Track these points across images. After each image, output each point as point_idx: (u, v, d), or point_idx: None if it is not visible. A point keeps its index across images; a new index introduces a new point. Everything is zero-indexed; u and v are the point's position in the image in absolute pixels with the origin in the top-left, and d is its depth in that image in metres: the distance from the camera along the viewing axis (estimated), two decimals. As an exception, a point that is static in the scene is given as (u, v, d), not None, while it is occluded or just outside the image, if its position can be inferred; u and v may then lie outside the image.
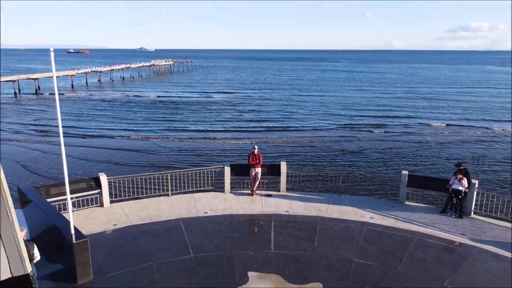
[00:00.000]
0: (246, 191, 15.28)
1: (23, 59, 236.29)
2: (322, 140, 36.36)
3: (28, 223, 11.32)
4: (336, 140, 36.37)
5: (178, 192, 14.61)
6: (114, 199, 13.83)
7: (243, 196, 14.87)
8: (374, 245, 11.07)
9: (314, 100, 64.03)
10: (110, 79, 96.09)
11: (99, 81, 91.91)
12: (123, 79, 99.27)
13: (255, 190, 15.00)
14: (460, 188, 12.92)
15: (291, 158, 29.06)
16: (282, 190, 15.35)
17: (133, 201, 14.01)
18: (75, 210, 12.85)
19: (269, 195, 14.92)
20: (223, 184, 15.09)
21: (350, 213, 13.35)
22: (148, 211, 13.20)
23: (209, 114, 49.95)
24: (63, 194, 12.56)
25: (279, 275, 9.47)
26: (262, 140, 35.80)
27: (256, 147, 15.01)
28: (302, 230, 11.98)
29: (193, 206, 13.70)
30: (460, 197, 13.00)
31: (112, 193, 13.82)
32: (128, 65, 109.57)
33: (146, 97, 66.38)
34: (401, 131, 40.59)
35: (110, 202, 13.65)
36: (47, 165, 27.99)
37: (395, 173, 16.07)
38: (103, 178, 13.39)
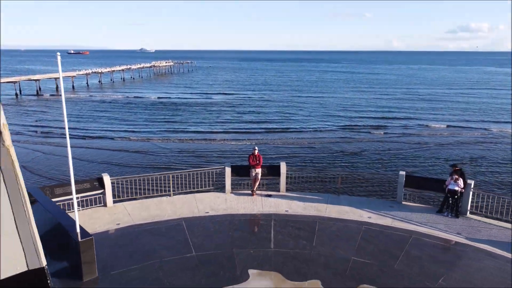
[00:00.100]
0: (246, 191, 15.55)
1: (24, 60, 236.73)
2: (321, 141, 36.61)
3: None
4: (335, 141, 36.62)
5: (179, 192, 14.89)
6: (117, 199, 14.10)
7: (244, 196, 15.13)
8: (371, 244, 11.33)
9: (313, 101, 64.31)
10: (111, 80, 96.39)
11: (100, 82, 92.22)
12: (124, 80, 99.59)
13: (255, 190, 15.27)
14: (456, 188, 13.19)
15: (291, 159, 29.31)
16: (282, 191, 15.62)
17: (135, 201, 14.28)
18: (80, 210, 13.11)
19: (269, 195, 15.18)
20: (224, 184, 15.35)
21: (348, 213, 13.61)
22: (150, 211, 13.47)
23: (209, 115, 50.20)
24: (68, 194, 12.84)
25: (279, 273, 9.73)
26: (262, 141, 36.05)
27: (256, 148, 15.28)
28: (301, 230, 12.24)
29: (194, 206, 13.96)
30: (456, 197, 13.27)
31: (115, 193, 14.10)
32: (128, 66, 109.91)
33: (146, 98, 66.65)
34: (400, 132, 40.84)
35: (113, 202, 13.91)
36: (48, 166, 28.25)
37: (393, 173, 16.32)
38: (107, 179, 13.66)
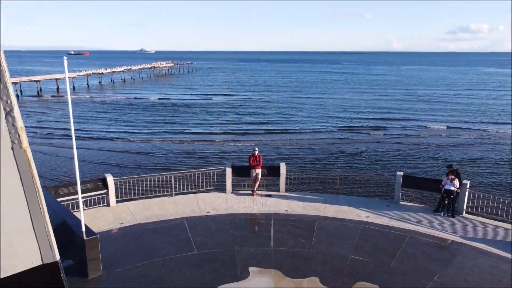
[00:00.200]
0: (246, 191, 15.85)
1: (24, 61, 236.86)
2: (321, 142, 36.87)
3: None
4: (334, 142, 36.87)
5: (181, 192, 15.18)
6: (120, 199, 14.39)
7: (244, 196, 15.43)
8: (369, 242, 11.63)
9: (313, 102, 64.57)
10: (111, 81, 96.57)
11: (100, 83, 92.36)
12: (124, 81, 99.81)
13: (256, 190, 15.56)
14: (452, 188, 13.49)
15: (290, 160, 29.59)
16: (282, 191, 15.92)
17: (138, 201, 14.58)
18: (85, 209, 13.39)
19: (269, 195, 15.48)
20: (225, 184, 15.65)
21: (346, 212, 13.90)
22: (153, 211, 13.76)
23: (209, 117, 50.45)
24: (72, 194, 13.16)
25: (278, 270, 10.03)
26: (262, 142, 36.28)
27: (256, 149, 15.58)
28: (301, 228, 12.53)
29: (196, 206, 14.26)
30: (452, 197, 13.57)
31: (118, 193, 14.39)
32: (129, 67, 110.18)
33: (146, 99, 66.92)
34: (399, 133, 41.08)
35: (116, 202, 14.22)
36: (49, 166, 28.48)
37: (391, 174, 16.61)
38: (110, 179, 13.96)
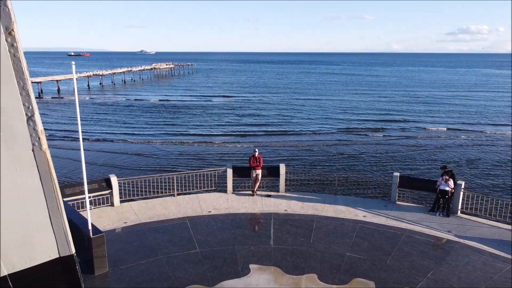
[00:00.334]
0: (247, 192, 16.22)
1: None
2: (320, 144, 37.22)
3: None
4: (334, 144, 37.21)
5: (183, 192, 15.55)
6: (123, 199, 14.75)
7: (245, 196, 15.80)
8: (365, 241, 11.99)
9: (312, 104, 64.97)
10: (112, 83, 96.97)
11: (101, 84, 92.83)
12: (125, 83, 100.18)
13: (256, 190, 15.92)
14: (446, 188, 13.85)
15: (290, 161, 29.95)
16: (281, 191, 16.29)
17: (141, 201, 14.94)
18: (92, 208, 13.74)
19: (269, 195, 15.84)
20: (226, 185, 16.03)
21: (344, 212, 14.27)
22: (156, 210, 14.12)
23: (209, 118, 50.81)
24: (77, 194, 13.52)
25: (278, 267, 10.39)
26: (261, 144, 36.62)
27: (257, 150, 15.95)
28: (299, 228, 12.89)
29: (197, 206, 14.62)
30: (447, 197, 13.94)
31: (121, 193, 14.75)
32: (129, 68, 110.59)
33: (147, 100, 67.27)
34: (398, 135, 41.45)
35: (120, 202, 14.58)
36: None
37: (388, 175, 16.98)
38: (114, 179, 14.32)
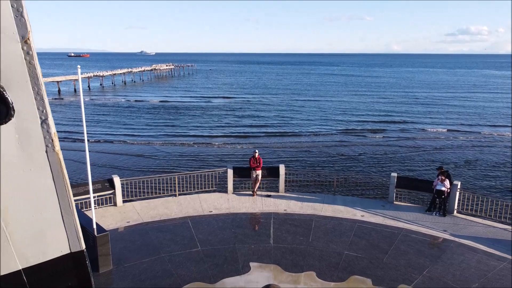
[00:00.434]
0: (247, 192, 16.52)
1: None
2: (319, 145, 37.47)
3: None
4: (333, 145, 37.46)
5: (185, 192, 15.84)
6: (126, 199, 15.03)
7: (245, 196, 16.08)
8: (363, 239, 12.28)
9: (312, 105, 65.23)
10: (112, 83, 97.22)
11: (101, 85, 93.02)
12: (125, 83, 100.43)
13: (256, 191, 16.21)
14: (442, 188, 14.14)
15: (290, 162, 30.22)
16: (281, 191, 16.58)
17: (143, 201, 15.23)
18: (97, 208, 14.02)
19: (268, 196, 16.13)
20: (226, 185, 16.32)
21: (342, 211, 14.56)
22: (158, 210, 14.41)
23: (209, 119, 51.07)
24: (80, 194, 13.79)
25: (277, 265, 10.68)
26: (261, 145, 36.86)
27: (257, 151, 16.24)
28: (299, 227, 13.18)
29: (199, 205, 14.91)
30: (443, 196, 14.22)
31: (123, 193, 15.02)
32: (130, 69, 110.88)
33: (147, 101, 67.50)
34: (397, 136, 41.71)
35: (123, 202, 14.86)
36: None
37: (386, 175, 17.28)
38: (117, 180, 14.62)
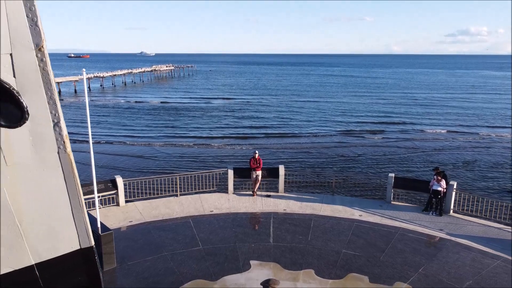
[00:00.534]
0: (247, 192, 16.79)
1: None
2: (319, 146, 37.72)
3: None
4: (332, 146, 37.70)
5: (186, 193, 16.11)
6: (128, 199, 15.31)
7: (245, 196, 16.36)
8: (361, 238, 12.55)
9: (311, 106, 65.50)
10: (112, 84, 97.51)
11: (102, 86, 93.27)
12: (125, 84, 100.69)
13: (256, 191, 16.49)
14: (439, 188, 14.43)
15: (289, 163, 30.47)
16: (281, 191, 16.86)
17: (145, 201, 15.50)
18: (101, 207, 14.28)
19: (268, 196, 16.41)
20: (227, 185, 16.59)
21: (341, 211, 14.84)
22: (160, 210, 14.68)
23: (209, 120, 51.29)
24: (84, 194, 14.02)
25: (277, 263, 10.96)
26: (261, 146, 37.08)
27: (257, 152, 16.53)
28: (298, 226, 13.46)
29: (200, 205, 15.18)
30: (439, 196, 14.51)
31: (126, 193, 15.30)
32: (130, 70, 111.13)
33: (147, 102, 67.72)
34: (397, 137, 41.93)
35: (125, 202, 15.13)
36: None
37: (385, 176, 17.55)
38: (119, 180, 14.90)
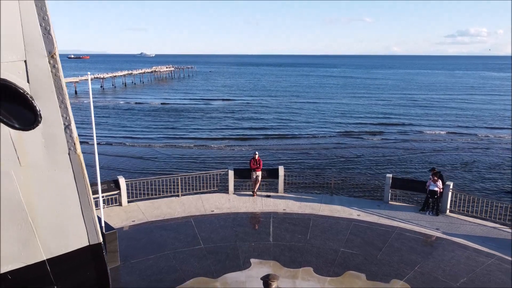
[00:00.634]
0: (248, 192, 17.08)
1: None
2: (318, 147, 37.94)
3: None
4: (331, 147, 37.92)
5: (187, 193, 16.40)
6: (130, 199, 15.58)
7: (245, 196, 16.64)
8: (359, 237, 12.83)
9: (311, 107, 65.74)
10: (113, 85, 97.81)
11: (102, 87, 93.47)
12: (125, 85, 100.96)
13: (256, 191, 16.77)
14: (435, 189, 14.71)
15: (289, 164, 30.71)
16: (280, 192, 17.14)
17: (147, 201, 15.78)
18: (105, 207, 14.52)
19: (268, 196, 16.69)
20: (228, 186, 16.87)
21: (339, 211, 15.12)
22: (161, 210, 14.96)
23: (209, 122, 51.50)
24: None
25: (277, 261, 11.24)
26: (261, 147, 37.28)
27: (257, 153, 16.83)
28: (297, 226, 13.74)
29: (201, 205, 15.46)
30: (436, 196, 14.79)
31: (128, 194, 15.58)
32: (130, 71, 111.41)
33: (147, 104, 67.92)
34: (396, 138, 42.17)
35: (128, 202, 15.41)
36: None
37: (383, 177, 17.83)
38: (122, 180, 15.17)
